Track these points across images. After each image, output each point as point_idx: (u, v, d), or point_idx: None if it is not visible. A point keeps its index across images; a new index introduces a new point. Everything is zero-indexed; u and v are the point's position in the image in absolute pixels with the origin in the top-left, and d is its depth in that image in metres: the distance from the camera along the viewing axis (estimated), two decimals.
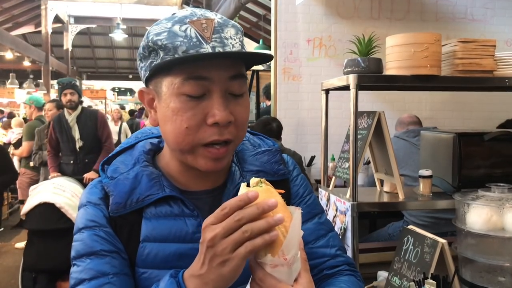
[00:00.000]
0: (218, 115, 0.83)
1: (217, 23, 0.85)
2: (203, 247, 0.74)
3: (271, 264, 0.75)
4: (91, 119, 4.69)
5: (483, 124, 4.16)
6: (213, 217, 0.74)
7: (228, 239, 0.72)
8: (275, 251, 0.74)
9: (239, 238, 0.72)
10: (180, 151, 0.89)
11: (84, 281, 0.85)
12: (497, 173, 2.02)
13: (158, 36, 0.84)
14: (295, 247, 0.76)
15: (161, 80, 0.86)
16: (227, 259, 0.72)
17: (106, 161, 0.99)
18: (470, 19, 4.33)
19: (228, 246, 0.72)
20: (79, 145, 4.56)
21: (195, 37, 0.82)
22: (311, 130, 4.01)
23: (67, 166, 4.63)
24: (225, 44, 0.84)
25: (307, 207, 1.05)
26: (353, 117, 1.88)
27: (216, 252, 0.73)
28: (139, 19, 13.47)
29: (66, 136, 4.57)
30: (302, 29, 4.05)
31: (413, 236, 1.69)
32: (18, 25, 13.41)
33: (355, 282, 1.00)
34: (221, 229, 0.72)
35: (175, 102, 0.84)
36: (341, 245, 1.06)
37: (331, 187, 2.24)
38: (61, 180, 3.70)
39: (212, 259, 0.73)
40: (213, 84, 0.84)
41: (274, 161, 1.03)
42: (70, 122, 4.59)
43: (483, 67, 1.95)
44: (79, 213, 0.93)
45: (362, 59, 1.89)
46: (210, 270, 0.74)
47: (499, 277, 1.63)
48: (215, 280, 0.74)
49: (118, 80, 21.98)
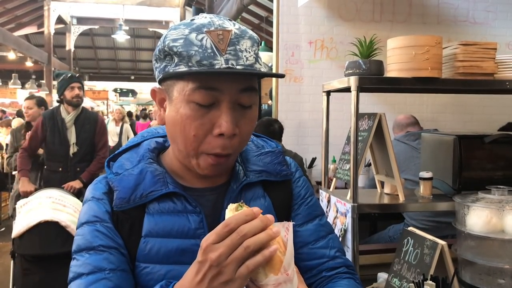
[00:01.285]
0: (224, 127, 0.85)
1: (233, 34, 0.86)
2: (203, 266, 0.73)
3: (274, 284, 0.74)
4: (90, 122, 4.00)
5: (484, 127, 4.16)
6: (214, 235, 0.73)
7: (231, 258, 0.72)
8: (277, 269, 0.74)
9: (240, 255, 0.72)
10: (186, 154, 0.91)
11: (82, 275, 0.87)
12: (498, 175, 2.03)
13: (174, 42, 0.85)
14: (293, 261, 0.76)
15: (173, 84, 0.88)
16: (230, 280, 0.72)
17: (112, 158, 1.01)
18: (471, 22, 4.34)
19: (232, 265, 0.72)
20: (73, 150, 3.85)
21: (210, 48, 0.83)
22: (312, 132, 4.01)
23: (54, 174, 3.86)
24: (239, 57, 0.84)
25: (308, 209, 1.06)
26: (354, 119, 1.89)
27: (220, 272, 0.72)
28: (141, 20, 13.50)
29: (59, 137, 3.85)
30: (304, 31, 4.06)
31: (413, 237, 1.69)
32: (21, 25, 13.46)
33: (354, 286, 1.01)
34: (225, 247, 0.72)
35: (185, 108, 0.86)
36: (340, 247, 1.07)
37: (331, 188, 2.25)
38: (56, 192, 3.05)
39: (214, 278, 0.73)
40: (223, 95, 0.85)
41: (277, 162, 1.04)
42: (67, 122, 3.88)
43: (484, 70, 1.96)
44: (83, 208, 0.95)
45: (363, 61, 1.90)
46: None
47: (499, 279, 1.63)
48: None
49: (120, 81, 22.01)
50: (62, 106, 3.93)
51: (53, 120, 3.89)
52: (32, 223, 2.69)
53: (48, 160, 3.94)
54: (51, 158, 3.90)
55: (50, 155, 3.91)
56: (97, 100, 16.94)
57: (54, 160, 3.88)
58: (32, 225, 2.68)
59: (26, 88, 14.70)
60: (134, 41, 17.59)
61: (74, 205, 2.92)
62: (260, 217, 0.74)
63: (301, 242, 1.02)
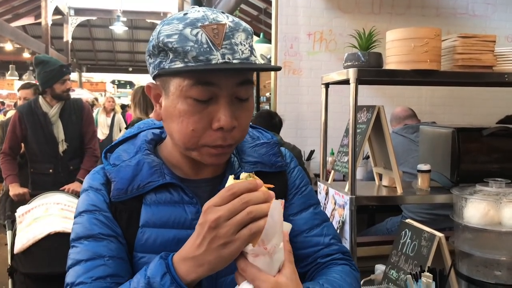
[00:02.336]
0: (223, 120, 0.85)
1: (228, 28, 0.85)
2: (202, 229, 0.75)
3: (253, 254, 0.77)
4: (76, 112, 3.46)
5: (482, 120, 4.17)
6: (217, 198, 0.75)
7: (232, 221, 0.74)
8: (255, 241, 0.75)
9: (243, 219, 0.74)
10: (185, 148, 0.91)
11: (80, 262, 0.88)
12: (495, 168, 2.04)
13: (168, 38, 0.84)
14: (275, 237, 0.77)
15: (169, 79, 0.88)
16: (229, 241, 0.74)
17: (109, 149, 1.02)
18: (471, 14, 4.33)
19: (231, 228, 0.73)
20: (63, 148, 3.36)
21: (205, 43, 0.83)
22: (311, 124, 4.01)
23: (44, 177, 3.36)
24: (235, 51, 0.84)
25: (302, 197, 1.07)
26: (353, 111, 1.89)
27: (218, 234, 0.74)
28: (139, 12, 13.45)
29: (43, 135, 3.32)
30: (303, 23, 4.05)
31: (411, 229, 1.70)
32: (18, 16, 13.37)
33: (348, 271, 1.01)
34: (226, 210, 0.74)
35: (182, 104, 0.86)
36: (335, 234, 1.08)
37: (330, 180, 2.25)
38: (64, 197, 2.59)
39: (213, 240, 0.75)
40: (220, 90, 0.85)
41: (272, 153, 1.05)
42: (51, 117, 3.34)
43: (483, 63, 1.96)
44: (81, 198, 0.96)
45: (362, 53, 1.89)
46: (208, 251, 0.75)
47: (495, 271, 1.64)
48: (212, 262, 0.76)
49: (118, 73, 21.95)
50: (42, 99, 3.37)
51: (32, 115, 3.33)
52: (40, 236, 2.21)
53: (33, 161, 3.40)
54: (37, 159, 3.38)
55: (36, 156, 3.38)
56: (94, 92, 16.89)
57: (42, 161, 3.37)
58: (39, 238, 2.21)
59: (23, 79, 14.67)
60: (132, 32, 17.51)
61: None
62: (262, 190, 0.77)
63: (296, 230, 1.03)
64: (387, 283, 1.72)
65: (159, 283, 0.77)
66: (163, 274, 0.78)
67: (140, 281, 0.79)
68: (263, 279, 0.76)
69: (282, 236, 0.79)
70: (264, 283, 0.76)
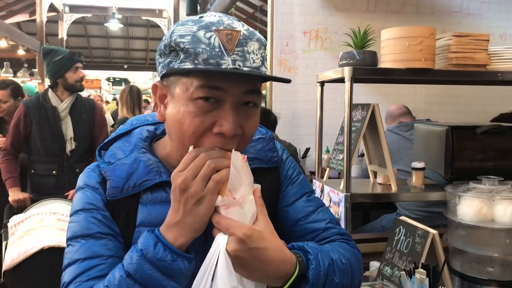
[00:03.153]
0: (225, 126, 0.84)
1: (242, 35, 0.85)
2: (175, 194, 0.81)
3: (224, 206, 0.81)
4: (87, 111, 3.20)
5: (477, 118, 4.20)
6: (181, 164, 0.82)
7: (197, 178, 0.80)
8: (223, 191, 0.80)
9: (205, 173, 0.80)
10: (182, 150, 0.90)
11: (77, 261, 0.87)
12: (489, 165, 2.05)
13: (181, 38, 0.84)
14: (242, 187, 0.81)
15: (177, 80, 0.87)
16: (200, 198, 0.80)
17: (103, 146, 1.01)
18: (466, 13, 4.36)
19: (198, 184, 0.79)
20: (71, 147, 3.07)
21: (218, 47, 0.83)
22: (307, 122, 4.02)
23: (46, 179, 3.05)
24: (246, 59, 0.84)
25: (295, 187, 1.07)
26: (348, 109, 1.90)
27: (189, 194, 0.79)
28: (134, 9, 13.38)
29: (50, 131, 3.04)
30: (299, 21, 4.06)
31: (405, 226, 1.72)
32: (12, 13, 13.28)
33: (345, 246, 0.99)
34: (189, 170, 0.80)
35: (187, 106, 0.85)
36: (332, 218, 1.06)
37: (325, 178, 2.27)
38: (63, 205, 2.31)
39: (186, 201, 0.80)
40: (227, 95, 0.84)
41: (268, 149, 1.05)
42: (61, 112, 3.08)
43: (477, 61, 1.97)
44: (77, 196, 0.95)
45: (357, 52, 1.91)
46: (185, 213, 0.80)
47: (488, 267, 1.66)
48: (192, 222, 0.81)
49: (113, 70, 21.84)
50: (51, 92, 3.11)
51: (39, 109, 3.06)
52: (31, 251, 1.96)
53: (35, 162, 3.09)
54: (40, 159, 3.06)
55: (39, 155, 3.07)
56: (89, 89, 16.81)
57: (45, 161, 3.06)
58: (31, 253, 1.96)
59: (18, 76, 14.56)
60: (127, 29, 17.43)
61: None
62: (220, 150, 0.83)
63: (292, 220, 1.03)
64: (381, 280, 1.73)
65: (153, 251, 0.80)
66: (155, 243, 0.81)
67: (133, 256, 0.81)
68: (236, 226, 0.80)
69: (252, 188, 0.83)
70: (237, 229, 0.79)
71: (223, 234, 0.81)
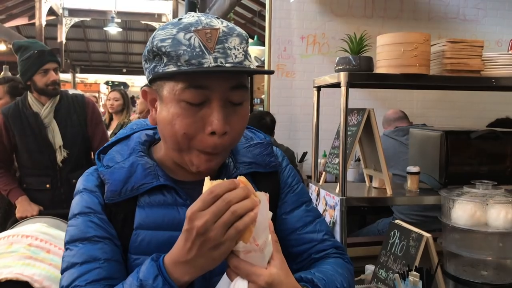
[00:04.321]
0: (215, 125, 0.85)
1: (221, 32, 0.86)
2: (190, 234, 0.76)
3: (244, 251, 0.78)
4: (77, 110, 2.79)
5: (473, 123, 4.21)
6: (200, 202, 0.76)
7: (218, 223, 0.75)
8: (247, 238, 0.77)
9: (228, 219, 0.75)
10: (177, 150, 0.91)
11: (75, 265, 0.88)
12: (483, 170, 2.07)
13: (162, 43, 0.85)
14: (265, 232, 0.79)
15: (163, 84, 0.89)
16: (218, 244, 0.76)
17: (102, 150, 1.02)
18: (462, 19, 4.39)
19: (219, 230, 0.75)
20: (62, 156, 2.70)
21: (198, 46, 0.84)
22: (304, 127, 4.04)
23: (41, 195, 2.72)
24: (227, 55, 0.85)
25: (295, 196, 1.08)
26: (343, 114, 1.92)
27: (207, 238, 0.75)
28: (133, 13, 13.41)
29: (35, 142, 2.67)
30: (296, 26, 4.08)
31: (400, 230, 1.73)
32: (11, 17, 13.31)
33: (341, 263, 1.02)
34: (211, 213, 0.75)
35: (175, 107, 0.87)
36: (328, 230, 1.09)
37: (321, 182, 2.28)
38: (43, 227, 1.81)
39: (203, 244, 0.76)
40: (213, 93, 0.86)
41: (266, 154, 1.06)
42: (44, 118, 2.67)
43: (471, 67, 1.99)
44: (75, 200, 0.96)
45: (353, 57, 1.93)
46: (199, 255, 0.77)
47: (482, 271, 1.68)
48: (204, 264, 0.78)
49: (112, 74, 21.85)
50: (30, 96, 2.69)
51: (20, 118, 2.66)
52: None
53: (26, 175, 2.75)
54: (31, 172, 2.73)
55: (28, 168, 2.74)
56: (88, 93, 16.83)
57: (37, 174, 2.72)
58: None
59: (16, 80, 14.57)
60: (126, 33, 17.46)
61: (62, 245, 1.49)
62: (241, 187, 0.78)
63: (289, 229, 1.04)
64: (376, 283, 1.75)
65: (151, 285, 0.78)
66: (155, 276, 0.79)
67: (133, 284, 0.80)
68: (258, 274, 0.78)
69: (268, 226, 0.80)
70: (259, 277, 0.78)
71: (242, 279, 0.79)
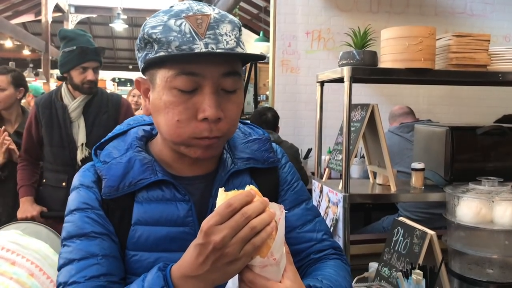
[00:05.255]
0: (208, 111, 0.84)
1: (213, 18, 0.85)
2: (205, 249, 0.73)
3: (260, 265, 0.76)
4: (109, 109, 2.61)
5: (480, 119, 4.17)
6: (218, 216, 0.73)
7: (237, 239, 0.72)
8: (264, 253, 0.75)
9: (246, 236, 0.73)
10: (173, 142, 0.91)
11: (73, 261, 0.87)
12: (489, 167, 2.04)
13: (153, 29, 0.85)
14: (282, 246, 0.77)
15: (156, 72, 0.88)
16: (235, 259, 0.74)
17: (99, 146, 1.01)
18: (469, 14, 4.33)
19: (237, 246, 0.73)
20: (83, 155, 2.51)
21: (188, 32, 0.83)
22: (309, 123, 4.01)
23: (56, 192, 2.54)
24: (219, 41, 0.84)
25: (294, 194, 1.07)
26: (347, 110, 1.89)
27: (224, 253, 0.73)
28: (139, 9, 13.44)
29: (59, 135, 2.52)
30: (301, 22, 4.05)
31: (403, 227, 1.71)
32: (18, 13, 13.36)
33: (341, 265, 1.02)
34: (230, 228, 0.72)
35: (167, 95, 0.86)
36: (327, 230, 1.08)
37: (324, 178, 2.26)
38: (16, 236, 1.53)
39: (218, 260, 0.74)
40: (204, 80, 0.85)
41: (264, 149, 1.05)
42: (71, 111, 2.52)
43: (477, 61, 1.96)
44: (72, 195, 0.95)
45: (357, 52, 1.90)
46: (212, 270, 0.75)
47: (488, 269, 1.65)
48: (216, 279, 0.76)
49: (118, 71, 21.93)
50: (65, 87, 2.57)
51: (50, 109, 2.54)
52: None
53: (46, 170, 2.61)
54: (51, 167, 2.58)
55: (49, 163, 2.59)
56: None
57: (56, 169, 2.56)
58: None
59: None
60: (132, 30, 17.49)
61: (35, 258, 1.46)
62: (259, 199, 0.76)
63: (289, 227, 1.03)
64: (379, 281, 1.72)
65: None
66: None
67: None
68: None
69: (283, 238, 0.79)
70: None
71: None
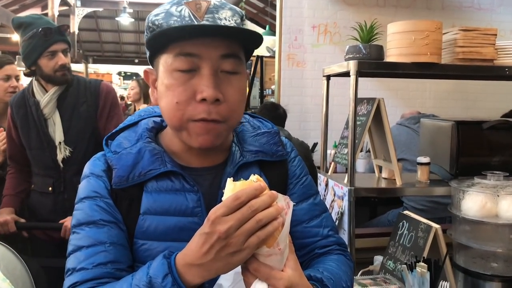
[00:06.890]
0: (205, 91, 0.86)
1: (213, 5, 0.89)
2: (210, 238, 0.74)
3: (265, 254, 0.78)
4: (88, 99, 2.22)
5: (487, 114, 4.15)
6: (225, 208, 0.74)
7: (242, 230, 0.74)
8: (271, 243, 0.76)
9: (252, 228, 0.74)
10: (174, 128, 0.92)
11: (82, 248, 0.89)
12: (495, 161, 2.04)
13: (156, 17, 0.90)
14: (287, 237, 0.79)
15: (159, 59, 0.91)
16: (238, 250, 0.75)
17: (110, 136, 1.02)
18: (477, 7, 4.31)
19: (242, 237, 0.74)
20: (63, 155, 2.16)
21: (187, 16, 0.88)
22: (315, 117, 4.01)
23: (44, 198, 2.23)
24: (216, 24, 0.88)
25: (303, 188, 1.08)
26: (353, 104, 1.90)
27: (228, 243, 0.74)
28: (145, 3, 13.40)
29: (37, 135, 2.19)
30: (308, 15, 4.04)
31: (408, 221, 1.72)
32: (24, 7, 13.38)
33: (344, 260, 1.04)
34: (236, 220, 0.73)
35: (168, 78, 0.89)
36: (333, 226, 1.10)
37: (330, 172, 2.27)
38: None
39: (222, 249, 0.75)
40: (202, 61, 0.87)
41: (273, 143, 1.06)
42: (43, 107, 2.17)
43: (484, 56, 1.95)
44: (82, 184, 0.97)
45: (363, 46, 1.90)
46: (216, 259, 0.76)
47: (492, 263, 1.66)
48: (220, 267, 0.77)
49: (124, 64, 21.96)
50: (36, 82, 2.21)
51: (24, 107, 2.21)
52: None
53: (33, 174, 2.30)
54: (36, 171, 2.27)
55: (33, 167, 2.28)
56: None
57: (40, 174, 2.25)
58: None
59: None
60: (138, 24, 17.48)
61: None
62: (268, 193, 0.77)
63: (296, 220, 1.04)
64: (384, 274, 1.74)
65: (160, 284, 0.78)
66: (164, 275, 0.78)
67: (142, 279, 0.80)
68: (277, 277, 0.79)
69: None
70: (279, 281, 0.78)
71: (261, 282, 0.79)
